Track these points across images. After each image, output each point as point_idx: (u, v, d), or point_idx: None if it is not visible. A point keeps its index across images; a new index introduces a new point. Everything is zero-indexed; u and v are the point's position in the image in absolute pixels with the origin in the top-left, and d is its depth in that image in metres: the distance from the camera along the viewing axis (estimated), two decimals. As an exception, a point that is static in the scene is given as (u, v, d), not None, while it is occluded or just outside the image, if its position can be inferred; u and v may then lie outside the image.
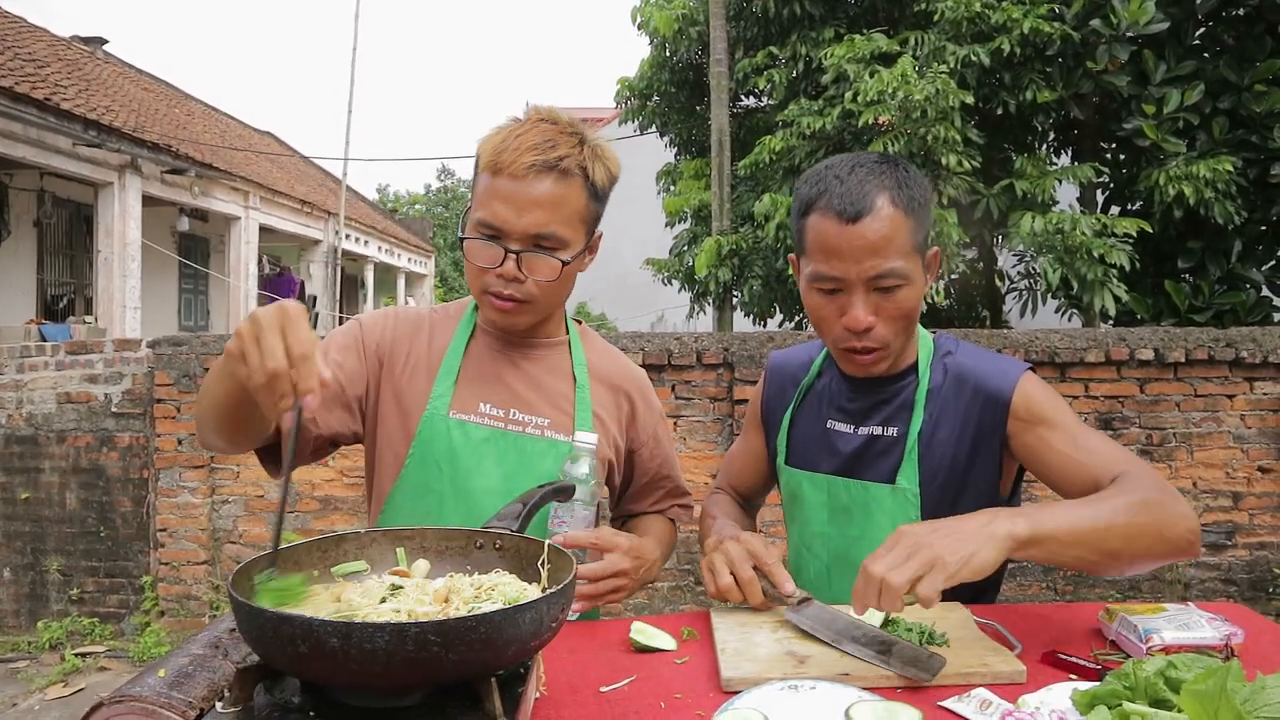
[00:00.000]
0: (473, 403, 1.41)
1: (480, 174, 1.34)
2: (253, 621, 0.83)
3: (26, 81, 9.44)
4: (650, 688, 1.09)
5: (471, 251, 1.34)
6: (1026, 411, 1.34)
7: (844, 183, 1.30)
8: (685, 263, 8.91)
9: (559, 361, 1.49)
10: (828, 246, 1.30)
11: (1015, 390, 1.35)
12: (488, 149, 1.32)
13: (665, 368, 4.72)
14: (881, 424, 1.42)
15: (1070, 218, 6.15)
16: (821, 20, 7.66)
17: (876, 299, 1.30)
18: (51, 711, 4.04)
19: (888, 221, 1.28)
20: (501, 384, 1.44)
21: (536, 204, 1.30)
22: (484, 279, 1.35)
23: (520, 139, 1.31)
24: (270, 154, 18.48)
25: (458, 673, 0.84)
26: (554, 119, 1.36)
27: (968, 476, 1.37)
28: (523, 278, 1.33)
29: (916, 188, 1.32)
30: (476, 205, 1.35)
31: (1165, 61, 6.64)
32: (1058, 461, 1.31)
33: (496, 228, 1.31)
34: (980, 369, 1.39)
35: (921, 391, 1.39)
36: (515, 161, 1.29)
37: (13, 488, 5.01)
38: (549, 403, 1.45)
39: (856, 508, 1.42)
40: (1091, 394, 4.68)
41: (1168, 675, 0.93)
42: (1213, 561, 4.69)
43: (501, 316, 1.38)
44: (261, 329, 0.93)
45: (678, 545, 4.73)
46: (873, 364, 1.37)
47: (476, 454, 1.38)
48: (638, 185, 14.24)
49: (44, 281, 11.50)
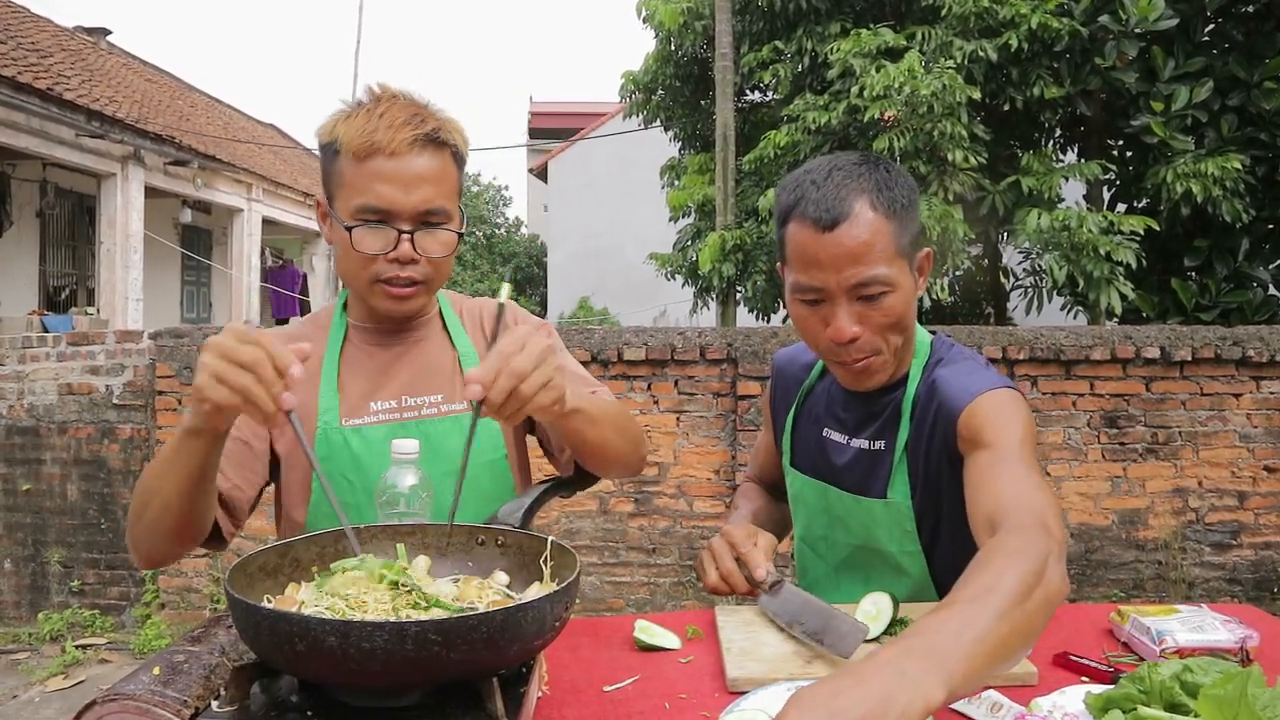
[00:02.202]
0: (362, 405, 1.35)
1: (343, 159, 1.26)
2: (249, 619, 0.81)
3: (30, 71, 9.43)
4: (655, 687, 1.07)
5: (359, 240, 1.26)
6: (968, 430, 1.24)
7: (820, 188, 1.24)
8: (689, 258, 8.89)
9: (435, 335, 1.44)
10: (806, 256, 1.24)
11: (964, 411, 1.26)
12: (351, 132, 1.25)
13: (668, 363, 4.70)
14: (871, 437, 1.38)
15: (1077, 215, 6.13)
16: (827, 14, 7.62)
17: (860, 308, 1.24)
18: (52, 703, 4.04)
19: (867, 227, 1.22)
20: (385, 376, 1.38)
21: (422, 179, 1.25)
22: (374, 268, 1.28)
23: (386, 117, 1.25)
24: (273, 146, 18.47)
25: (459, 672, 0.82)
26: (406, 95, 1.32)
27: (946, 490, 1.32)
28: (418, 258, 1.28)
29: (900, 188, 1.26)
30: (351, 192, 1.26)
31: (1174, 58, 6.61)
32: (970, 488, 1.18)
33: (383, 210, 1.25)
34: (949, 384, 1.31)
35: (907, 402, 1.35)
36: (394, 139, 1.23)
37: (14, 479, 5.01)
38: (437, 378, 1.39)
39: (853, 519, 1.40)
40: (1097, 392, 4.66)
41: (1184, 679, 0.91)
42: (1218, 561, 4.67)
43: (398, 304, 1.31)
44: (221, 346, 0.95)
45: (680, 541, 4.73)
46: (867, 375, 1.31)
47: (380, 454, 1.29)
48: (641, 179, 14.25)
49: (46, 272, 11.49)
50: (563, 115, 25.60)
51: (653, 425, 4.72)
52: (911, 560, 1.36)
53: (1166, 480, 4.67)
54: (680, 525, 4.73)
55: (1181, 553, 4.65)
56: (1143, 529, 4.67)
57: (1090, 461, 4.67)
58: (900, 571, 1.37)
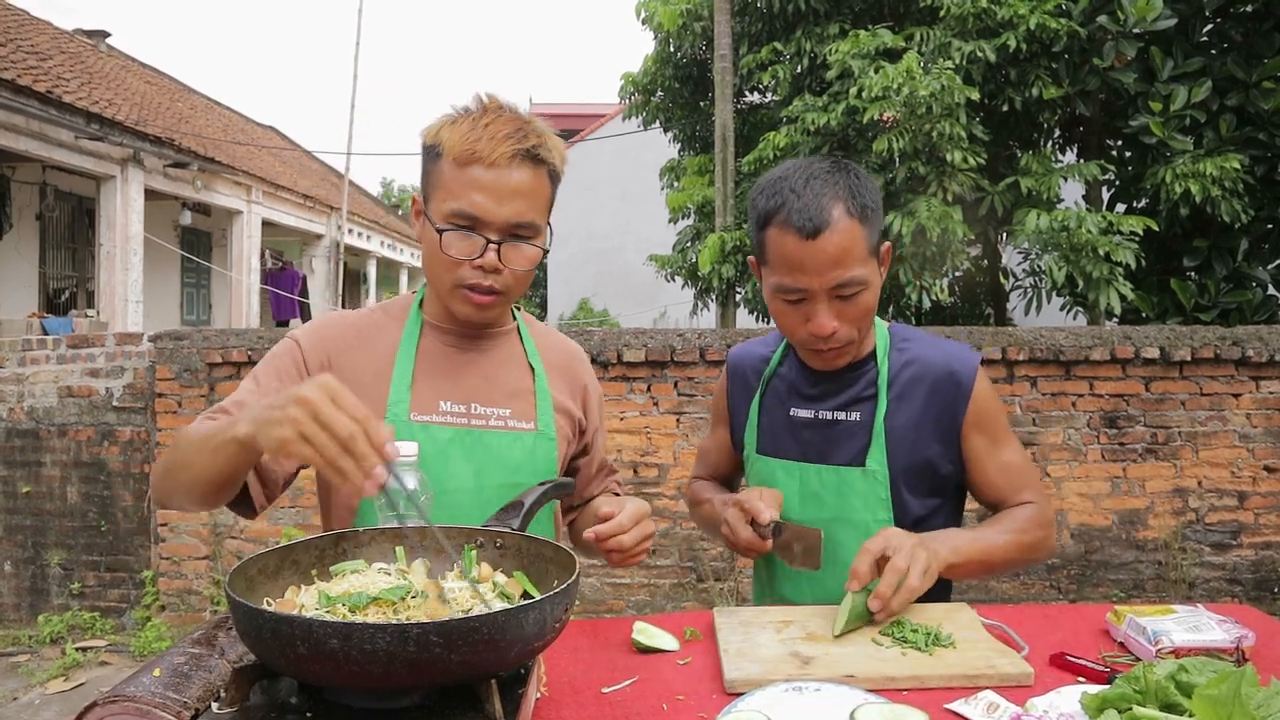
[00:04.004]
0: (432, 402, 1.38)
1: (444, 162, 1.30)
2: (250, 621, 0.82)
3: (29, 74, 9.43)
4: (652, 689, 1.07)
5: (448, 244, 1.30)
6: (981, 411, 1.48)
7: (800, 197, 1.35)
8: (689, 259, 8.90)
9: (512, 350, 1.47)
10: (790, 261, 1.36)
11: (975, 385, 1.47)
12: (455, 138, 1.29)
13: (668, 364, 4.71)
14: (843, 408, 1.50)
15: (1076, 215, 6.13)
16: (826, 16, 7.63)
17: (839, 305, 1.38)
18: (52, 706, 4.04)
19: (846, 233, 1.34)
20: (458, 379, 1.41)
21: (516, 193, 1.29)
22: (459, 272, 1.31)
23: (490, 128, 1.28)
24: (273, 148, 18.48)
25: (460, 674, 0.82)
26: (513, 109, 1.35)
27: (928, 458, 1.47)
28: (502, 268, 1.31)
29: (868, 193, 1.38)
30: (446, 195, 1.29)
31: (1172, 58, 6.61)
32: (981, 472, 1.50)
33: (475, 218, 1.28)
34: (940, 359, 1.49)
35: (883, 379, 1.48)
36: (494, 150, 1.26)
37: (14, 481, 5.01)
38: (508, 393, 1.43)
39: (828, 492, 1.49)
40: (1096, 392, 4.66)
41: (1179, 679, 0.92)
42: (1218, 561, 4.67)
43: (478, 311, 1.35)
44: (315, 406, 0.93)
45: (679, 542, 4.74)
46: (838, 359, 1.46)
47: (444, 455, 1.35)
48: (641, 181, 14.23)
49: (46, 275, 11.49)
50: (562, 116, 25.56)
51: (652, 427, 4.72)
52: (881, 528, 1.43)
53: (1166, 480, 4.68)
54: (680, 527, 4.74)
55: (1181, 553, 4.65)
56: (1142, 529, 4.68)
57: (1090, 462, 4.67)
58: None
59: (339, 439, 0.92)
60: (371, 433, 0.93)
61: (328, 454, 0.92)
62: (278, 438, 0.95)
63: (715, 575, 4.73)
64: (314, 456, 0.93)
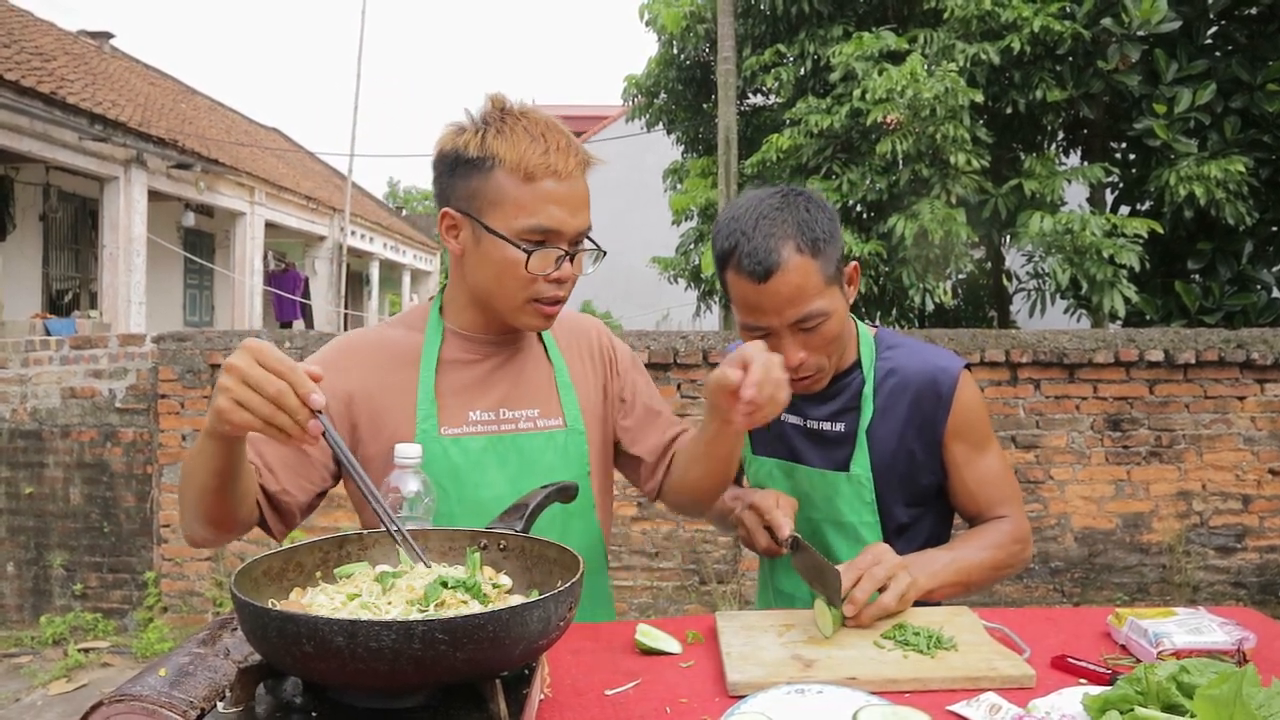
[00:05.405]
0: (461, 414, 1.36)
1: (501, 177, 1.26)
2: (256, 621, 0.82)
3: (33, 75, 9.46)
4: (655, 691, 1.08)
5: (535, 263, 1.27)
6: (962, 421, 1.49)
7: (750, 239, 1.36)
8: (691, 261, 8.90)
9: (532, 349, 1.47)
10: (749, 303, 1.39)
11: (956, 394, 1.48)
12: (515, 152, 1.25)
13: (671, 366, 4.71)
14: (829, 419, 1.53)
15: (1080, 218, 6.13)
16: (830, 18, 7.63)
17: (803, 337, 1.40)
18: (54, 707, 4.04)
19: (797, 271, 1.35)
20: (484, 386, 1.40)
21: (584, 203, 1.31)
22: (535, 286, 1.29)
23: (550, 139, 1.28)
24: (276, 150, 18.51)
25: (464, 672, 0.82)
26: (537, 112, 1.35)
27: (911, 468, 1.50)
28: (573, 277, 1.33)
29: (820, 224, 1.39)
30: (518, 211, 1.26)
31: (1177, 61, 6.61)
32: (960, 482, 1.51)
33: (553, 230, 1.27)
34: (923, 368, 1.50)
35: (869, 388, 1.51)
36: (566, 163, 1.27)
37: (16, 482, 5.02)
38: (534, 391, 1.42)
39: (817, 494, 1.54)
40: (1100, 395, 4.66)
41: (1180, 680, 0.92)
42: (1222, 564, 4.66)
43: (547, 321, 1.35)
44: (242, 371, 0.95)
45: (682, 545, 4.73)
46: (813, 385, 1.47)
47: (478, 466, 1.34)
48: (644, 183, 14.23)
49: (49, 276, 11.51)
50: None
51: (655, 428, 4.72)
52: (869, 530, 1.50)
53: (1170, 484, 4.67)
54: (683, 529, 4.74)
55: (1186, 556, 4.64)
56: (1146, 533, 4.67)
57: (1094, 465, 4.66)
58: (859, 541, 1.49)
59: (269, 397, 0.94)
60: (297, 385, 0.95)
61: (263, 414, 0.94)
62: (217, 409, 0.97)
63: (718, 578, 4.73)
64: (252, 420, 0.95)
